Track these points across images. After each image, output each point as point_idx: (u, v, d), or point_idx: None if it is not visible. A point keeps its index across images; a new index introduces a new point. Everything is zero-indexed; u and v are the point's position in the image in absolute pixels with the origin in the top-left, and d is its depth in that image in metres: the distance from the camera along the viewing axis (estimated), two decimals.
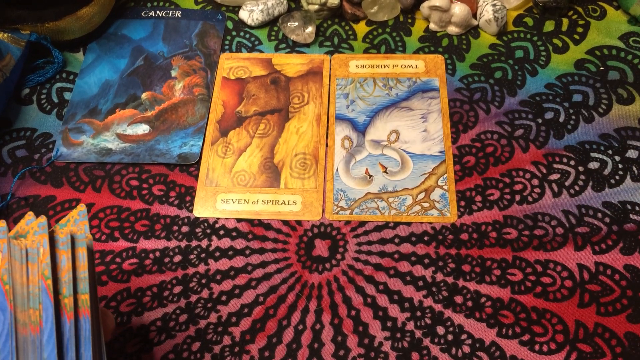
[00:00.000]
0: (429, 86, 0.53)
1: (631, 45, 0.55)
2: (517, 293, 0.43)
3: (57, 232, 0.30)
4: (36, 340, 0.28)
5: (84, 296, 0.30)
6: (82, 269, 0.30)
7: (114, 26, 0.58)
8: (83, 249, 0.30)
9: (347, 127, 0.51)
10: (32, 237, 0.29)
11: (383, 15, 0.58)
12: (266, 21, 0.58)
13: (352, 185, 0.48)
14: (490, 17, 0.55)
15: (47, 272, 0.29)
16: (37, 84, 0.55)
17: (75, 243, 0.30)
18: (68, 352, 0.29)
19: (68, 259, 0.30)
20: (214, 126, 0.52)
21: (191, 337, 0.41)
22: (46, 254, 0.29)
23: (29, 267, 0.29)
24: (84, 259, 0.30)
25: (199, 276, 0.44)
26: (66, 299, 0.29)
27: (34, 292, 0.29)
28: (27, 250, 0.29)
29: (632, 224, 0.45)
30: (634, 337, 0.40)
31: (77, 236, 0.30)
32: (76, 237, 0.30)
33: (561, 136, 0.50)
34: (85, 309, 0.30)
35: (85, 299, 0.30)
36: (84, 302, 0.30)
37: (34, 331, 0.28)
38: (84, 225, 0.31)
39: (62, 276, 0.29)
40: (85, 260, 0.30)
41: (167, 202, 0.48)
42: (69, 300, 0.29)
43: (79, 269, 0.30)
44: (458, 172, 0.48)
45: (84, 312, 0.30)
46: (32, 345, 0.28)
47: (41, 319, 0.28)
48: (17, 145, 0.51)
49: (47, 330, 0.28)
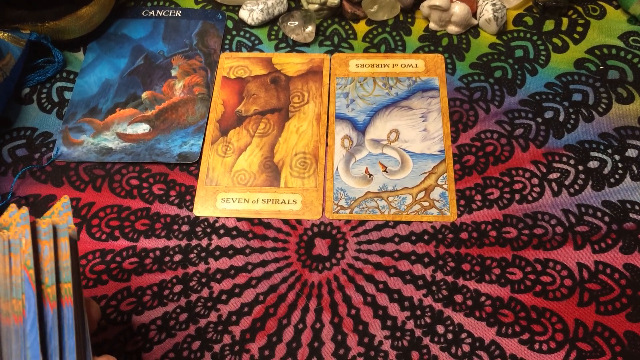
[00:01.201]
0: (428, 85, 0.53)
1: (631, 45, 0.55)
2: (517, 292, 0.43)
3: (39, 222, 0.30)
4: (19, 330, 0.29)
5: (66, 285, 0.30)
6: (64, 259, 0.30)
7: (114, 26, 0.58)
8: (65, 239, 0.30)
9: (347, 126, 0.51)
10: (15, 229, 0.29)
11: (383, 14, 0.58)
12: (266, 20, 0.58)
13: (352, 185, 0.48)
14: (490, 17, 0.55)
15: (30, 262, 0.29)
16: (38, 84, 0.55)
17: (57, 233, 0.30)
18: (51, 340, 0.29)
19: (50, 249, 0.30)
20: (214, 125, 0.52)
21: (191, 336, 0.42)
22: (28, 244, 0.29)
23: (11, 258, 0.29)
24: (67, 249, 0.30)
25: (199, 275, 0.44)
26: (49, 289, 0.29)
27: (17, 282, 0.29)
28: (10, 242, 0.29)
29: (632, 222, 0.45)
30: (633, 335, 0.41)
31: (59, 226, 0.30)
32: (58, 227, 0.30)
33: (561, 135, 0.50)
34: (68, 298, 0.30)
35: (67, 288, 0.30)
36: (67, 291, 0.30)
37: (17, 321, 0.29)
38: (68, 216, 0.31)
39: (45, 266, 0.30)
40: (68, 250, 0.30)
41: (167, 201, 0.48)
42: (52, 289, 0.29)
43: (62, 259, 0.30)
44: (458, 171, 0.48)
45: (67, 301, 0.30)
46: (16, 335, 0.29)
47: (24, 308, 0.29)
48: (17, 145, 0.51)
49: (30, 320, 0.29)
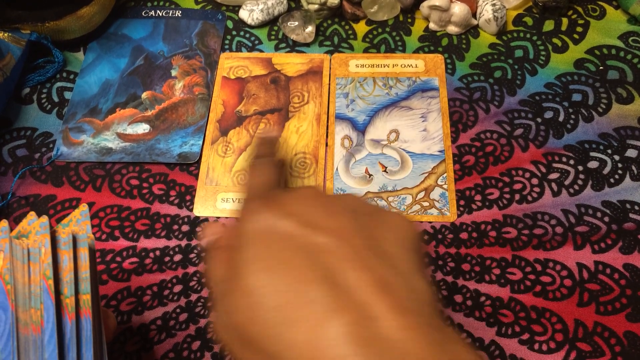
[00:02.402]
0: (428, 85, 0.53)
1: (631, 45, 0.55)
2: (517, 292, 0.43)
3: (59, 232, 0.30)
4: (37, 340, 0.28)
5: (85, 296, 0.30)
6: (83, 269, 0.30)
7: (114, 26, 0.58)
8: (85, 249, 0.30)
9: (347, 126, 0.51)
10: (34, 237, 0.29)
11: (383, 14, 0.58)
12: (266, 21, 0.58)
13: (351, 185, 0.48)
14: (490, 17, 0.55)
15: (49, 272, 0.29)
16: (38, 84, 0.55)
17: (77, 243, 0.30)
18: (69, 352, 0.29)
19: (70, 259, 0.30)
20: (214, 125, 0.52)
21: (191, 336, 0.42)
22: (48, 254, 0.29)
23: (30, 267, 0.29)
24: (86, 259, 0.30)
25: (199, 275, 0.44)
26: (67, 299, 0.29)
27: (36, 292, 0.29)
28: (29, 250, 0.29)
29: (632, 223, 0.45)
30: (633, 336, 0.41)
31: (78, 236, 0.30)
32: (78, 237, 0.30)
33: (560, 135, 0.50)
34: (86, 309, 0.30)
35: (86, 299, 0.30)
36: (85, 302, 0.30)
37: (35, 331, 0.29)
38: (86, 225, 0.31)
39: (64, 276, 0.29)
40: (87, 260, 0.30)
41: (167, 201, 0.48)
42: (71, 300, 0.29)
43: (81, 269, 0.30)
44: (458, 171, 0.48)
45: (86, 312, 0.30)
46: (34, 345, 0.28)
47: (42, 319, 0.29)
48: (17, 145, 0.51)
49: (49, 330, 0.28)
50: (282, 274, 0.24)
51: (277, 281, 0.24)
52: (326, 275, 0.24)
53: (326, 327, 0.22)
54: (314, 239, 0.25)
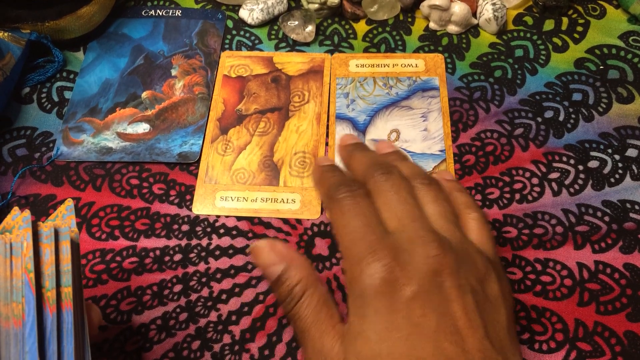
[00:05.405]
0: (429, 85, 0.53)
1: (631, 44, 0.55)
2: (517, 292, 0.43)
3: (41, 226, 0.30)
4: (19, 334, 0.28)
5: (66, 289, 0.30)
6: (65, 262, 0.30)
7: (114, 25, 0.58)
8: (67, 242, 0.30)
9: (348, 126, 0.51)
10: (17, 232, 0.29)
11: (383, 14, 0.58)
12: (266, 20, 0.58)
13: None
14: (490, 16, 0.55)
15: (30, 266, 0.29)
16: (38, 83, 0.55)
17: (59, 236, 0.30)
18: (50, 345, 0.29)
19: (52, 252, 0.30)
20: (214, 124, 0.52)
21: (191, 336, 0.42)
22: (29, 248, 0.29)
23: (12, 261, 0.29)
24: (68, 252, 0.30)
25: (199, 275, 0.44)
26: (49, 292, 0.29)
27: (17, 285, 0.29)
28: (12, 245, 0.29)
29: (632, 222, 0.45)
30: (633, 335, 0.41)
31: (61, 229, 0.30)
32: (60, 231, 0.30)
33: (561, 135, 0.50)
34: (67, 302, 0.30)
35: (68, 292, 0.30)
36: (66, 295, 0.30)
37: (16, 325, 0.28)
38: (71, 219, 0.31)
39: (45, 269, 0.29)
40: (69, 253, 0.30)
41: (167, 200, 0.48)
42: (52, 293, 0.29)
43: (62, 262, 0.30)
44: (458, 171, 0.48)
45: (67, 305, 0.30)
46: (15, 339, 0.28)
47: (24, 312, 0.29)
48: (17, 144, 0.51)
49: (29, 324, 0.28)
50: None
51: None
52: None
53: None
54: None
